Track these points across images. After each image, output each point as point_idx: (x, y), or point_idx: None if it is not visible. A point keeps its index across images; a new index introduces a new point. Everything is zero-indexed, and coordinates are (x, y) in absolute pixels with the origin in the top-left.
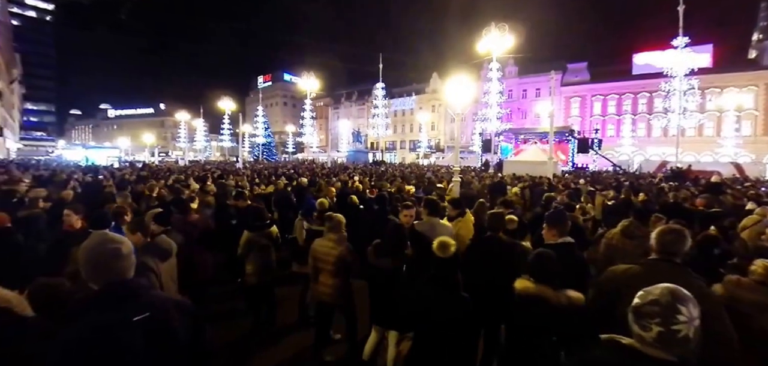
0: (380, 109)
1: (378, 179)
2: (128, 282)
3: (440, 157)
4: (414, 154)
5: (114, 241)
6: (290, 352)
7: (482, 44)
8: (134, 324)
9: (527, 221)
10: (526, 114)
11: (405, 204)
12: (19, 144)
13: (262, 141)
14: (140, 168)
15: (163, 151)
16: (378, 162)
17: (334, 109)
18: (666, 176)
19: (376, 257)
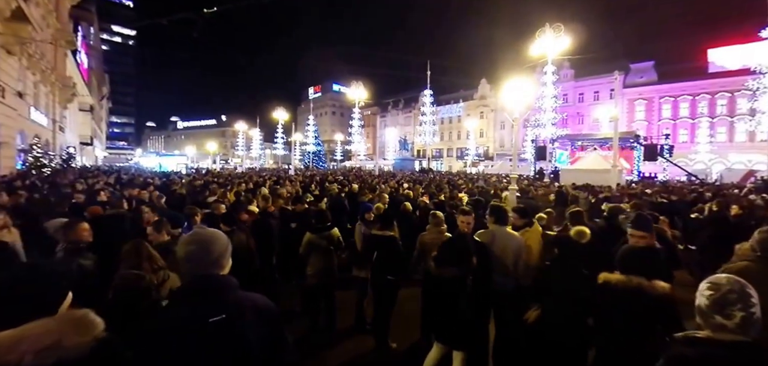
0: (427, 116)
1: (426, 187)
2: (213, 278)
3: (489, 165)
4: (461, 162)
5: (207, 235)
6: (346, 358)
7: (536, 47)
8: (209, 325)
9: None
10: (582, 119)
11: (462, 210)
12: (105, 152)
13: (312, 149)
14: (204, 174)
15: (224, 158)
16: (425, 170)
17: (381, 117)
18: (757, 187)
19: (439, 266)
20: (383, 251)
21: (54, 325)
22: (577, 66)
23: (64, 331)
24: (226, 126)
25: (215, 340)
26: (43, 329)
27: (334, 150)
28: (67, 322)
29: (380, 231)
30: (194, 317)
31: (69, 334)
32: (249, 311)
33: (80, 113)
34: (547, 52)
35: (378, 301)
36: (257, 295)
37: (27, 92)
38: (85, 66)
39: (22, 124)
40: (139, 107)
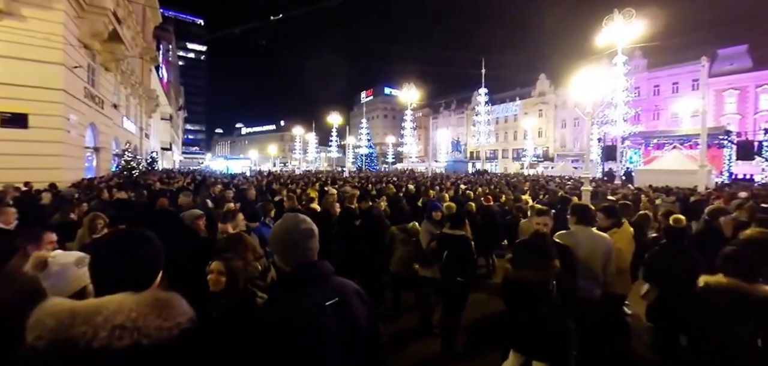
0: (482, 115)
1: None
2: (317, 265)
3: (549, 166)
4: (518, 164)
5: (307, 221)
6: (411, 361)
7: (603, 35)
8: (327, 309)
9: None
10: (658, 114)
11: (539, 210)
12: (181, 156)
13: (364, 152)
14: (266, 175)
15: (283, 161)
16: (480, 172)
17: (432, 119)
18: None
19: (517, 269)
20: (454, 251)
21: (133, 303)
22: (652, 55)
23: (142, 311)
24: (285, 130)
25: (335, 323)
26: (119, 305)
27: (386, 152)
28: (149, 303)
29: (451, 230)
30: (314, 303)
31: (149, 317)
32: (352, 294)
33: (161, 122)
34: (616, 40)
35: (447, 303)
36: (347, 279)
37: (120, 104)
38: (165, 80)
39: (116, 131)
40: (208, 115)
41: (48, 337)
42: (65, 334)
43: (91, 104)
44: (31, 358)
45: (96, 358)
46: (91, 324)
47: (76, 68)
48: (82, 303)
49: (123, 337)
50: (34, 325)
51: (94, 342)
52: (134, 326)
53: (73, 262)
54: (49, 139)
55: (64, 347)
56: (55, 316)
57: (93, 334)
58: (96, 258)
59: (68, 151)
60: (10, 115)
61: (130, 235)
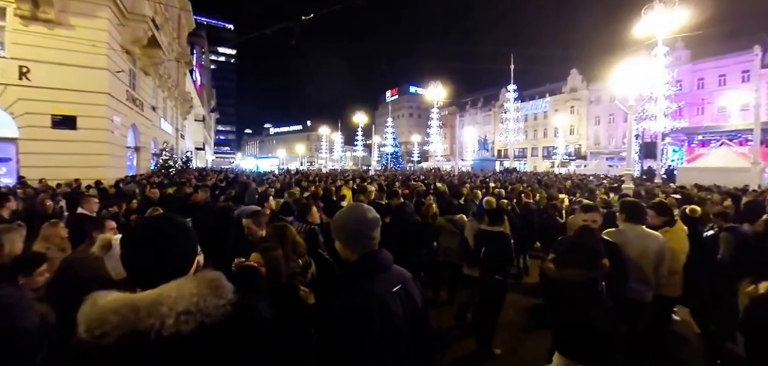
0: (511, 112)
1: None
2: (383, 252)
3: (582, 165)
4: (548, 162)
5: (372, 210)
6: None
7: (641, 26)
8: (395, 295)
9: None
10: (702, 108)
11: (586, 206)
12: (213, 156)
13: (390, 150)
14: (294, 173)
15: (310, 160)
16: (509, 170)
17: (459, 117)
18: None
19: (560, 267)
20: (492, 248)
21: (193, 287)
22: (696, 45)
23: (202, 293)
24: (311, 130)
25: (403, 308)
26: (179, 292)
27: (411, 151)
28: (205, 284)
29: (490, 226)
30: (384, 289)
31: (208, 297)
32: (410, 280)
33: (195, 123)
34: (656, 31)
35: (484, 301)
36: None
37: (158, 106)
38: (198, 83)
39: (155, 132)
40: (238, 116)
41: (115, 333)
42: (132, 327)
43: (133, 106)
44: (100, 353)
45: (167, 345)
46: (157, 315)
47: (119, 73)
48: (139, 296)
49: (189, 321)
50: (96, 322)
51: (163, 331)
52: (197, 309)
53: None
54: (95, 139)
55: (134, 340)
56: (117, 312)
57: (161, 324)
58: (137, 244)
59: (112, 151)
60: (62, 117)
61: (167, 219)
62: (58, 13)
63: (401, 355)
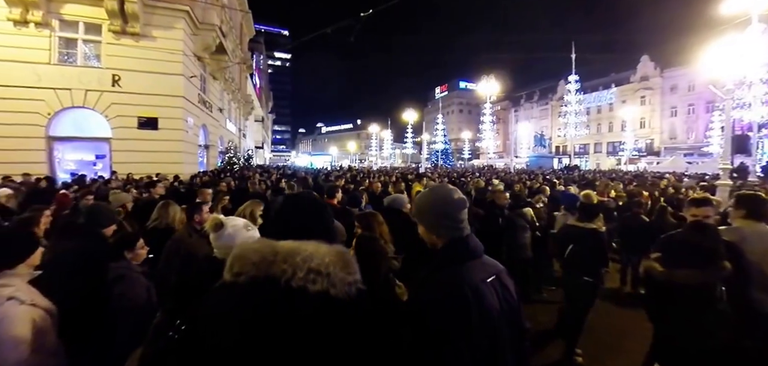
0: (572, 105)
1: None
2: (471, 238)
3: (654, 161)
4: (613, 159)
5: (458, 191)
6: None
7: (730, 3)
8: (489, 285)
9: None
10: None
11: (697, 199)
12: (271, 154)
13: (440, 148)
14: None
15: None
16: (570, 167)
17: (513, 112)
18: None
19: (669, 267)
20: (580, 246)
21: (327, 252)
22: None
23: (333, 259)
24: (361, 129)
25: (499, 301)
26: (315, 249)
27: (462, 148)
28: (338, 254)
29: (580, 222)
30: (478, 278)
31: (337, 266)
32: (503, 271)
33: (255, 123)
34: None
35: (571, 303)
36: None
37: (224, 107)
38: (257, 86)
39: (221, 131)
40: (293, 117)
41: (250, 273)
42: (266, 270)
43: (203, 108)
44: (232, 293)
45: (292, 298)
46: (290, 263)
47: (192, 78)
48: (281, 242)
49: (316, 281)
50: (237, 260)
51: (292, 281)
52: (326, 272)
53: (243, 225)
54: (172, 138)
55: (265, 284)
56: (259, 251)
57: (292, 274)
58: (296, 205)
59: (187, 149)
60: (146, 119)
61: (310, 194)
62: (142, 27)
63: (498, 353)
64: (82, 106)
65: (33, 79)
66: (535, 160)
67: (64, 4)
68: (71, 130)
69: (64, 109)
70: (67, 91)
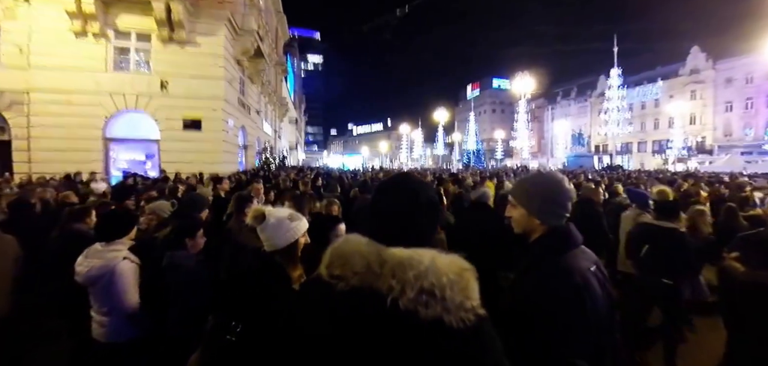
0: (615, 101)
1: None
2: (572, 228)
3: (705, 160)
4: (659, 158)
5: (568, 182)
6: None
7: None
8: (593, 274)
9: None
10: None
11: None
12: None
13: (472, 148)
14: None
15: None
16: (613, 167)
17: (549, 109)
18: None
19: (752, 267)
20: (659, 246)
21: (446, 265)
22: None
23: (451, 278)
24: (392, 129)
25: (602, 290)
26: (432, 263)
27: (494, 148)
28: (458, 269)
29: (658, 220)
30: (585, 267)
31: (455, 287)
32: (599, 261)
33: (289, 125)
34: None
35: (666, 311)
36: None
37: (261, 109)
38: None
39: (258, 133)
40: (324, 119)
41: (352, 281)
42: (371, 283)
43: (242, 110)
44: (328, 297)
45: (399, 322)
46: (399, 278)
47: (232, 81)
48: (391, 250)
49: (429, 306)
50: (338, 260)
51: (400, 301)
52: (441, 295)
53: (287, 216)
54: (214, 139)
55: (368, 299)
56: (365, 257)
57: (400, 292)
58: (395, 194)
59: (227, 149)
60: (190, 120)
61: (412, 176)
62: (187, 34)
63: (603, 343)
64: (133, 109)
65: (92, 86)
66: (574, 160)
67: (119, 15)
68: (124, 132)
69: (118, 112)
70: (120, 95)
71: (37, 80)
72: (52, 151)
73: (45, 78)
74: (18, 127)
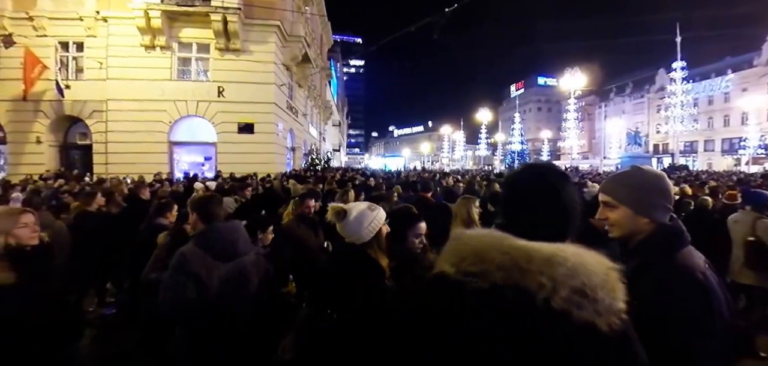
0: (678, 96)
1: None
2: (681, 224)
3: None
4: (730, 158)
5: (668, 181)
6: None
7: None
8: (710, 271)
9: None
10: None
11: None
12: (346, 157)
13: (517, 148)
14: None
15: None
16: (677, 166)
17: (601, 107)
18: None
19: None
20: None
21: (594, 266)
22: None
23: (604, 281)
24: (433, 131)
25: (721, 290)
26: (582, 260)
27: (540, 149)
28: (606, 270)
29: None
30: (704, 265)
31: (605, 287)
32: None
33: (333, 128)
34: None
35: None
36: None
37: (307, 113)
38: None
39: (305, 135)
40: (366, 121)
41: (493, 277)
42: (518, 279)
43: (290, 114)
44: (460, 295)
45: (550, 323)
46: (550, 276)
47: (282, 86)
48: (534, 244)
49: (582, 307)
50: (472, 255)
51: (552, 300)
52: (593, 295)
53: (366, 207)
54: (265, 141)
55: (515, 296)
56: (509, 252)
57: (552, 290)
58: (518, 187)
59: (277, 151)
60: (244, 124)
61: (551, 168)
62: (242, 43)
63: (726, 344)
64: (194, 115)
65: (158, 94)
66: (629, 161)
67: (182, 28)
68: (186, 136)
69: (181, 117)
70: (183, 102)
71: (113, 91)
72: (126, 153)
73: (119, 88)
74: (98, 132)
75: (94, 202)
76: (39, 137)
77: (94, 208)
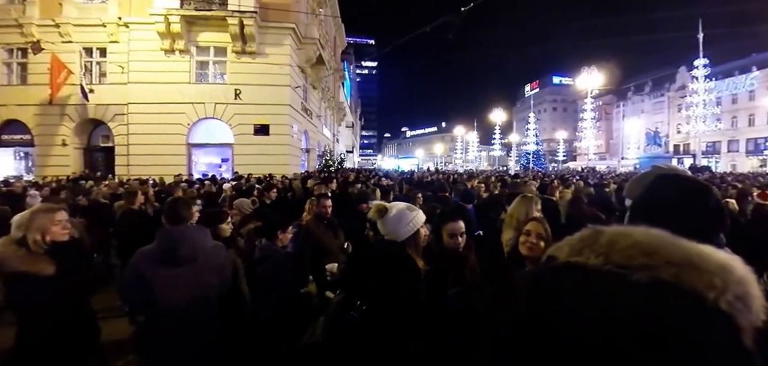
0: (701, 94)
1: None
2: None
3: None
4: (755, 159)
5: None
6: None
7: None
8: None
9: None
10: None
11: None
12: (359, 158)
13: (532, 149)
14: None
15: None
16: (698, 167)
17: (619, 106)
18: None
19: None
20: None
21: (741, 268)
22: None
23: (750, 285)
24: (446, 131)
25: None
26: (736, 265)
27: (556, 149)
28: (753, 278)
29: None
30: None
31: (758, 305)
32: None
33: (346, 129)
34: None
35: None
36: None
37: (321, 115)
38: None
39: (319, 137)
40: (379, 122)
41: (658, 272)
42: (688, 277)
43: (305, 115)
44: (624, 292)
45: (718, 323)
46: (723, 278)
47: (296, 88)
48: (706, 247)
49: (741, 313)
50: (638, 249)
51: (720, 302)
52: (750, 305)
53: (405, 207)
54: (280, 143)
55: (682, 294)
56: (681, 249)
57: (721, 291)
58: (671, 193)
59: (292, 152)
60: (260, 126)
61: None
62: (258, 46)
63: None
64: (212, 117)
65: (177, 97)
66: (648, 162)
67: (200, 33)
68: (204, 138)
69: (199, 120)
70: (201, 104)
71: (134, 94)
72: (146, 155)
73: (140, 92)
74: (119, 135)
75: (136, 201)
76: (64, 140)
77: (137, 206)
